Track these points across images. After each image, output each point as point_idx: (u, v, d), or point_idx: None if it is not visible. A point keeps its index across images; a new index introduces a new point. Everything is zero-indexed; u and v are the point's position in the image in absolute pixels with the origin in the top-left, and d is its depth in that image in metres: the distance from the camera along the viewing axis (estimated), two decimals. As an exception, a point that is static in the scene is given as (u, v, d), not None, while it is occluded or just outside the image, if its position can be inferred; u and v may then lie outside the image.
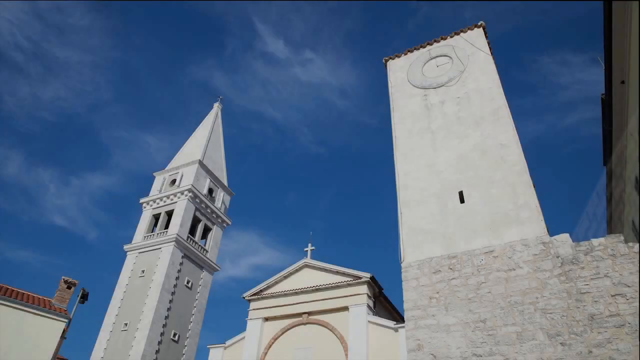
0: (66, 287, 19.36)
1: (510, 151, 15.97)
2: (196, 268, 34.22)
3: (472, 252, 14.43)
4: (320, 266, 23.64)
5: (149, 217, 35.74)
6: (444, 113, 18.36)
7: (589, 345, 11.44)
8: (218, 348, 23.59)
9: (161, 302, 29.56)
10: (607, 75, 13.72)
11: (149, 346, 27.79)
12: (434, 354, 13.18)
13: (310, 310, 22.36)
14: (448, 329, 13.41)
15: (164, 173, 39.03)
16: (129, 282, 31.72)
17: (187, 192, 35.28)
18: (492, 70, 18.54)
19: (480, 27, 20.30)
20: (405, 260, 15.47)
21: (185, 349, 30.88)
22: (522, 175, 15.23)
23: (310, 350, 21.33)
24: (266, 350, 22.27)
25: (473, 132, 17.16)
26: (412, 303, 14.44)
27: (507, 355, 12.22)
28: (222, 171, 41.71)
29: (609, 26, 12.51)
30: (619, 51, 12.85)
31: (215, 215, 37.88)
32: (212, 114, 44.87)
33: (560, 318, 12.09)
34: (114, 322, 29.91)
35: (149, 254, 32.75)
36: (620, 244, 12.50)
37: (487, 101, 17.67)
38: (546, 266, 13.05)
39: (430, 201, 16.40)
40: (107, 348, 28.77)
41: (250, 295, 24.31)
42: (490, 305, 13.18)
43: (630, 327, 11.24)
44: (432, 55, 20.72)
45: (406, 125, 18.99)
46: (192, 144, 41.51)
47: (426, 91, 19.48)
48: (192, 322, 32.22)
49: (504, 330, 12.60)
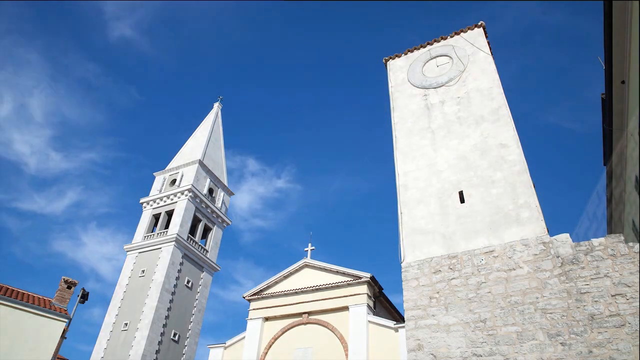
0: (66, 287, 19.37)
1: (510, 151, 15.96)
2: (196, 268, 34.23)
3: (472, 252, 14.42)
4: (320, 266, 23.65)
5: (149, 217, 35.76)
6: (444, 113, 18.35)
7: (589, 345, 11.44)
8: (218, 348, 23.60)
9: (161, 302, 29.58)
10: (607, 75, 13.73)
11: (149, 346, 27.80)
12: (434, 354, 13.18)
13: (310, 310, 22.37)
14: (448, 329, 13.40)
15: (164, 173, 39.04)
16: (129, 282, 31.74)
17: (187, 192, 35.30)
18: (492, 69, 18.53)
19: (480, 26, 20.30)
20: (405, 260, 15.46)
21: (185, 349, 30.90)
22: (522, 175, 15.22)
23: (310, 350, 21.34)
24: (266, 350, 22.28)
25: (473, 132, 17.16)
26: (412, 303, 14.44)
27: (507, 355, 12.22)
28: (222, 171, 41.72)
29: (609, 26, 12.52)
30: (619, 51, 12.86)
31: (215, 215, 37.90)
32: (212, 114, 44.89)
33: (561, 318, 12.09)
34: (114, 322, 29.93)
35: (149, 254, 32.76)
36: (621, 244, 12.50)
37: (487, 101, 17.66)
38: (546, 266, 13.05)
39: (430, 201, 16.39)
40: (107, 348, 28.78)
41: (251, 295, 24.32)
42: (490, 305, 13.18)
43: (631, 327, 11.24)
44: (432, 55, 20.71)
45: (406, 125, 18.99)
46: (192, 144, 41.53)
47: (426, 91, 19.48)
48: (192, 322, 32.23)
49: (504, 330, 12.60)
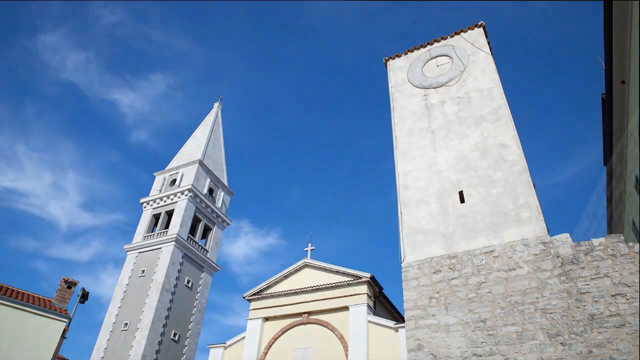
0: (66, 287, 19.38)
1: (510, 151, 15.97)
2: (196, 268, 34.23)
3: (472, 252, 14.43)
4: (320, 266, 23.64)
5: (149, 217, 35.75)
6: (444, 113, 18.36)
7: (589, 345, 11.44)
8: (218, 348, 23.59)
9: (161, 302, 29.57)
10: (607, 75, 13.75)
11: (149, 346, 27.80)
12: (434, 353, 13.18)
13: (310, 310, 22.36)
14: (448, 329, 13.41)
15: (164, 173, 39.03)
16: (129, 282, 31.74)
17: (187, 192, 35.29)
18: (492, 69, 18.54)
19: (480, 26, 20.30)
20: (405, 260, 15.47)
21: (185, 349, 30.90)
22: (522, 175, 15.22)
23: (310, 350, 21.33)
24: (266, 350, 22.27)
25: (473, 132, 17.16)
26: (412, 303, 14.44)
27: (507, 355, 12.22)
28: (222, 171, 41.72)
29: (609, 26, 12.53)
30: (619, 51, 12.87)
31: (215, 215, 37.89)
32: (212, 114, 44.88)
33: (561, 318, 12.09)
34: (114, 322, 29.92)
35: (149, 254, 32.76)
36: (621, 244, 12.50)
37: (487, 101, 17.67)
38: (546, 266, 13.05)
39: (430, 201, 16.40)
40: (107, 348, 28.78)
41: (251, 295, 24.32)
42: (490, 305, 13.18)
43: (631, 327, 11.24)
44: (432, 55, 20.72)
45: (406, 125, 18.99)
46: (192, 144, 41.53)
47: (426, 91, 19.48)
48: (192, 322, 32.23)
49: (504, 330, 12.60)
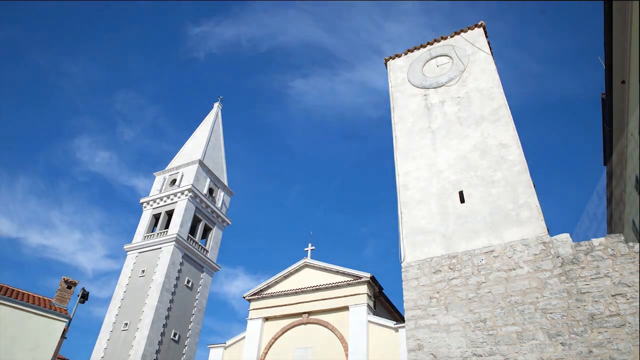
0: (66, 287, 19.37)
1: (510, 151, 15.96)
2: (196, 268, 34.23)
3: (472, 252, 14.43)
4: (320, 266, 23.64)
5: (149, 217, 35.75)
6: (444, 113, 18.35)
7: (589, 345, 11.44)
8: (218, 348, 23.59)
9: (161, 302, 29.58)
10: (607, 75, 13.75)
11: (149, 346, 27.80)
12: (434, 353, 13.18)
13: (310, 310, 22.37)
14: (448, 329, 13.40)
15: (164, 173, 39.03)
16: (129, 282, 31.74)
17: (187, 192, 35.29)
18: (492, 69, 18.53)
19: (480, 26, 20.30)
20: (405, 260, 15.47)
21: (186, 349, 30.90)
22: (522, 175, 15.22)
23: (310, 350, 21.34)
24: (266, 350, 22.28)
25: (473, 132, 17.16)
26: (412, 303, 14.44)
27: (507, 355, 12.22)
28: (222, 171, 41.72)
29: (609, 26, 12.53)
30: (619, 51, 12.87)
31: (215, 215, 37.89)
32: (212, 114, 44.87)
33: (561, 318, 12.09)
34: (114, 322, 29.92)
35: (149, 254, 32.76)
36: (621, 244, 12.50)
37: (488, 101, 17.67)
38: (546, 266, 13.05)
39: (430, 201, 16.39)
40: (107, 348, 28.78)
41: (251, 295, 24.32)
42: (490, 305, 13.18)
43: (631, 327, 11.24)
44: (432, 55, 20.72)
45: (406, 125, 18.99)
46: (192, 144, 41.53)
47: (426, 91, 19.48)
48: (192, 322, 32.23)
49: (504, 330, 12.60)
